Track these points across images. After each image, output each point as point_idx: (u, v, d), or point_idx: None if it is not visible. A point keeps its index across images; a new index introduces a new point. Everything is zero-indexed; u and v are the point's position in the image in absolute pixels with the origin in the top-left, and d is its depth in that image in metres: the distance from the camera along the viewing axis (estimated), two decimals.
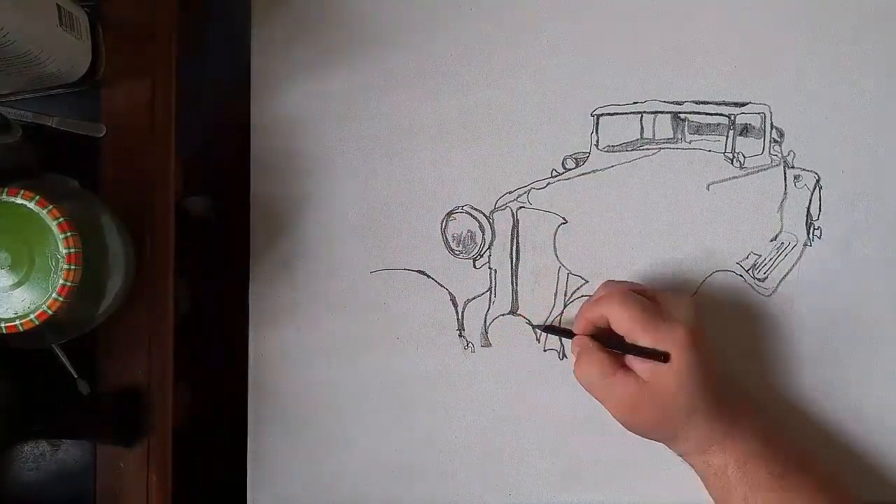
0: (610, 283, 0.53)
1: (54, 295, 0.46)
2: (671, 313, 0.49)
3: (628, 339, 0.49)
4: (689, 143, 0.56)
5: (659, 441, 0.51)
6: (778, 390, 0.55)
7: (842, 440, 0.55)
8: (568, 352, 0.56)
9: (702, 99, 0.56)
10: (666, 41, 0.57)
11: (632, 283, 0.54)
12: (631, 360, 0.49)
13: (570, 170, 0.57)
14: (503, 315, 0.57)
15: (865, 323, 0.55)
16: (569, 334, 0.53)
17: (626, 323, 0.49)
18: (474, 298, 0.57)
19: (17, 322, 0.46)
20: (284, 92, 0.59)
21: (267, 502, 0.58)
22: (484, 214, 0.57)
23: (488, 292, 0.57)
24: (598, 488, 0.56)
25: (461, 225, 0.57)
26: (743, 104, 0.56)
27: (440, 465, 0.57)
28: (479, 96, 0.58)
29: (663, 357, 0.48)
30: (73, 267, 0.46)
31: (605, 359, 0.50)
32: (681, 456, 0.51)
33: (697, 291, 0.56)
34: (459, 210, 0.57)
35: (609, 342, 0.50)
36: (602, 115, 0.57)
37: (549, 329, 0.56)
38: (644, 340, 0.48)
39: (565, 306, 0.57)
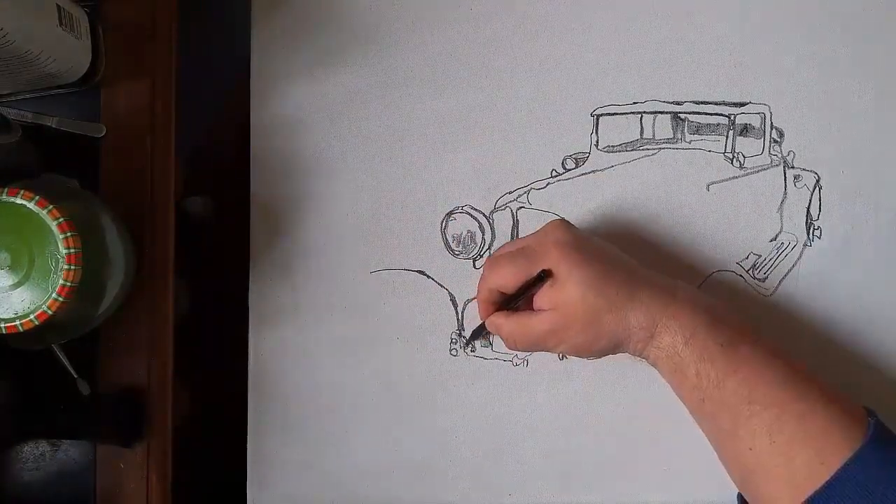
0: (487, 259, 0.54)
1: (54, 295, 0.46)
2: (540, 243, 0.50)
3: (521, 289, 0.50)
4: (689, 143, 0.56)
5: (612, 351, 0.50)
6: None
7: None
8: None
9: (701, 99, 0.56)
10: (666, 41, 0.57)
11: (503, 245, 0.55)
12: (537, 302, 0.50)
13: (570, 170, 0.57)
14: None
15: (865, 323, 0.55)
16: (482, 326, 0.54)
17: (506, 277, 0.50)
18: (474, 298, 0.57)
19: (17, 322, 0.46)
20: (284, 92, 0.59)
21: (267, 502, 0.58)
22: (484, 214, 0.57)
23: None
24: (597, 488, 0.56)
25: (461, 225, 0.57)
26: (743, 104, 0.56)
27: (440, 466, 0.57)
28: (479, 96, 0.58)
29: (544, 274, 0.48)
30: (72, 267, 0.46)
31: (515, 316, 0.51)
32: (641, 356, 0.50)
33: None
34: (459, 210, 0.57)
35: (512, 301, 0.51)
36: (602, 115, 0.57)
37: (473, 335, 0.56)
38: (529, 280, 0.49)
39: None
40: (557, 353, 0.51)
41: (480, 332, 0.55)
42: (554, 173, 0.57)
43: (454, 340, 0.57)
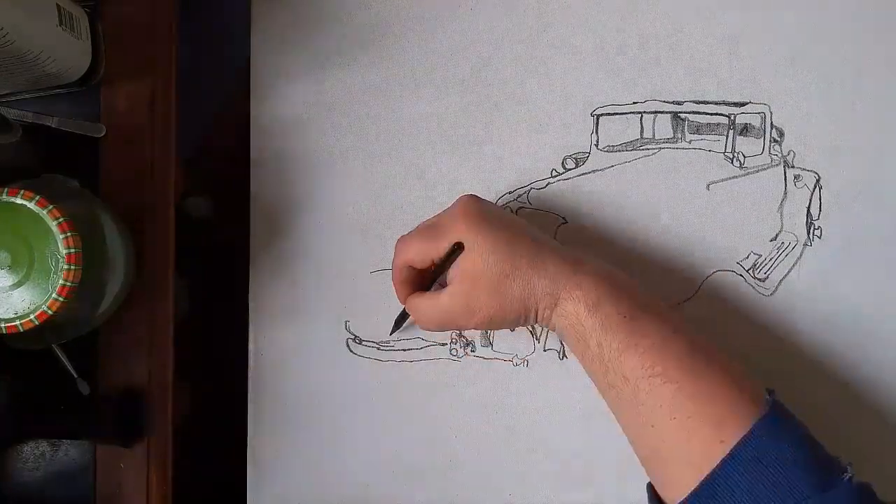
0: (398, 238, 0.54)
1: (54, 295, 0.46)
2: (448, 216, 0.50)
3: (433, 264, 0.51)
4: (689, 142, 0.56)
5: (522, 322, 0.50)
6: (777, 390, 0.55)
7: (841, 439, 0.55)
8: (568, 352, 0.56)
9: (702, 99, 0.56)
10: (666, 41, 0.57)
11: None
12: (446, 277, 0.50)
13: (570, 170, 0.57)
14: None
15: (865, 323, 0.55)
16: (403, 313, 0.54)
17: (416, 252, 0.51)
18: None
19: (17, 322, 0.46)
20: (284, 92, 0.59)
21: (267, 502, 0.58)
22: None
23: None
24: (597, 488, 0.56)
25: None
26: (743, 104, 0.56)
27: (440, 465, 0.57)
28: (479, 96, 0.58)
29: (456, 247, 0.49)
30: (73, 267, 0.46)
31: (425, 295, 0.51)
32: (547, 326, 0.50)
33: (697, 291, 0.56)
34: None
35: (426, 279, 0.52)
36: (602, 115, 0.57)
37: (396, 323, 0.56)
38: (442, 252, 0.50)
39: None
40: (471, 328, 0.51)
41: (403, 320, 0.55)
42: (554, 173, 0.57)
43: (454, 340, 0.57)
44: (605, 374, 0.47)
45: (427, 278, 0.52)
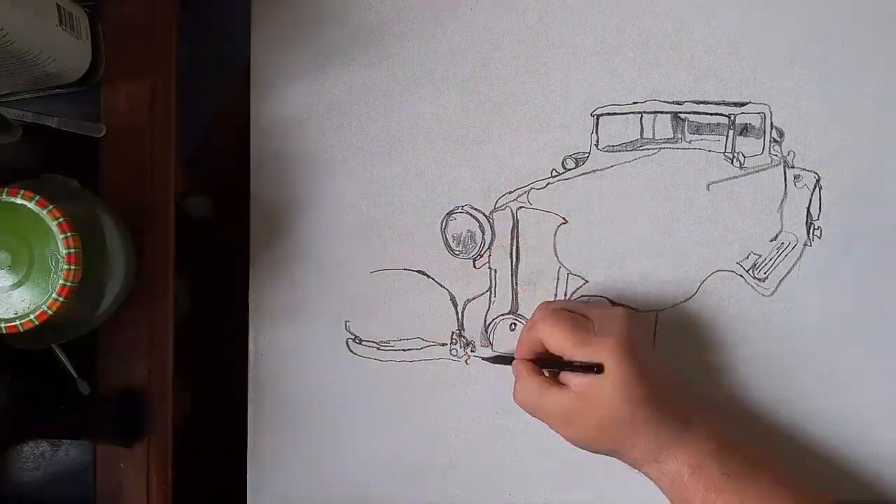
0: (543, 305, 0.54)
1: (54, 295, 0.46)
2: (604, 327, 0.50)
3: (565, 358, 0.50)
4: (689, 142, 0.56)
5: (607, 454, 0.50)
6: (777, 390, 0.55)
7: (841, 440, 0.55)
8: None
9: (702, 99, 0.56)
10: (666, 41, 0.57)
11: (567, 301, 0.55)
12: (566, 376, 0.50)
13: (570, 170, 0.57)
14: (503, 315, 0.57)
15: (865, 323, 0.55)
16: (510, 360, 0.53)
17: (558, 341, 0.50)
18: (474, 298, 0.57)
19: (17, 322, 0.46)
20: (284, 92, 0.59)
21: (267, 502, 0.58)
22: (484, 214, 0.57)
23: (488, 292, 0.57)
24: (597, 489, 0.56)
25: (461, 225, 0.57)
26: (743, 104, 0.56)
27: (440, 465, 0.57)
28: (479, 96, 0.58)
29: (595, 368, 0.48)
30: (73, 267, 0.46)
31: (540, 379, 0.50)
32: (635, 467, 0.50)
33: (697, 291, 0.56)
34: (459, 210, 0.57)
35: (548, 364, 0.51)
36: (602, 115, 0.57)
37: (496, 359, 0.56)
38: (578, 356, 0.49)
39: None
40: (555, 430, 0.51)
41: (501, 362, 0.55)
42: (554, 173, 0.57)
43: (454, 340, 0.57)
44: None
45: (549, 354, 0.51)
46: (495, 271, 0.57)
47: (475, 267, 0.57)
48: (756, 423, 0.55)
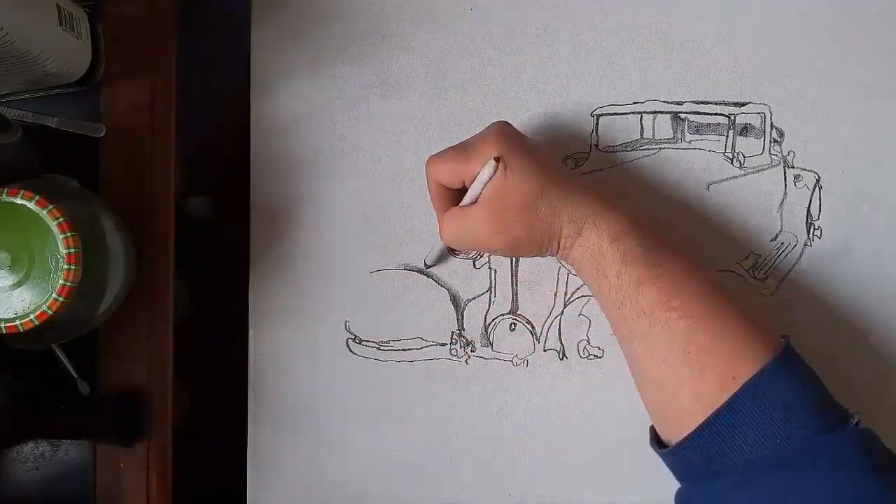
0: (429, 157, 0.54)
1: (54, 295, 0.46)
2: (482, 137, 0.50)
3: (465, 184, 0.51)
4: (689, 143, 0.56)
5: (546, 249, 0.50)
6: None
7: None
8: (568, 352, 0.56)
9: (702, 99, 0.56)
10: (666, 41, 0.57)
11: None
12: (480, 197, 0.50)
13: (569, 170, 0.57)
14: (503, 315, 0.57)
15: (865, 323, 0.55)
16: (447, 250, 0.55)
17: (449, 172, 0.50)
18: (474, 298, 0.57)
19: (17, 322, 0.46)
20: (284, 92, 0.59)
21: (267, 502, 0.58)
22: None
23: (488, 292, 0.57)
24: (597, 488, 0.56)
25: None
26: (743, 104, 0.56)
27: (440, 465, 0.57)
28: (479, 96, 0.58)
29: (497, 160, 0.48)
30: (73, 267, 0.46)
31: (458, 210, 0.51)
32: (567, 258, 0.50)
33: None
34: None
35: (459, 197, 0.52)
36: (602, 115, 0.57)
37: (438, 256, 0.56)
38: (471, 172, 0.50)
39: (565, 306, 0.57)
40: (496, 250, 0.51)
41: (438, 251, 0.55)
42: None
43: (454, 340, 0.57)
44: (621, 307, 0.47)
45: (458, 199, 0.52)
46: (495, 271, 0.57)
47: (475, 267, 0.57)
48: None
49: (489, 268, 0.57)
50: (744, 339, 0.45)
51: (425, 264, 0.57)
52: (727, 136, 0.56)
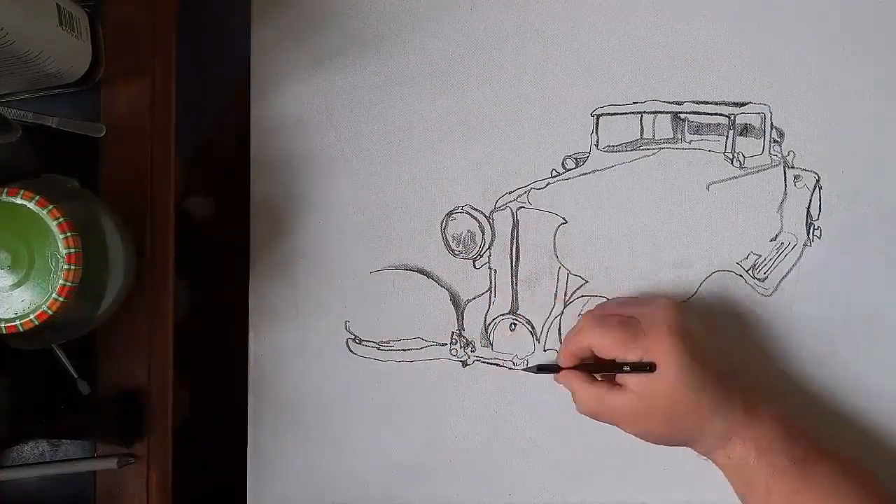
0: (588, 313, 0.54)
1: (54, 295, 0.46)
2: (652, 323, 0.49)
3: (617, 360, 0.50)
4: (689, 143, 0.56)
5: (682, 444, 0.50)
6: (778, 390, 0.55)
7: (840, 440, 0.55)
8: None
9: (702, 99, 0.56)
10: (666, 41, 0.57)
11: (610, 303, 0.55)
12: (623, 378, 0.50)
13: (570, 170, 0.57)
14: (503, 315, 0.57)
15: (865, 323, 0.55)
16: (556, 370, 0.53)
17: (607, 346, 0.50)
18: (474, 298, 0.57)
19: (17, 322, 0.46)
20: (284, 92, 0.59)
21: (267, 502, 0.58)
22: (484, 214, 0.57)
23: (488, 292, 0.57)
24: (597, 488, 0.56)
25: (461, 225, 0.57)
26: (743, 104, 0.56)
27: (440, 465, 0.57)
28: (479, 96, 0.58)
29: (648, 367, 0.48)
30: (73, 267, 0.46)
31: (597, 385, 0.51)
32: (706, 456, 0.50)
33: (697, 291, 0.56)
34: (459, 210, 0.57)
35: (600, 369, 0.51)
36: (602, 115, 0.57)
37: (542, 369, 0.55)
38: (630, 357, 0.49)
39: (565, 306, 0.57)
40: (632, 434, 0.51)
41: (546, 371, 0.54)
42: (554, 173, 0.57)
43: (454, 340, 0.57)
44: None
45: (596, 358, 0.51)
46: (495, 271, 0.57)
47: (475, 267, 0.57)
48: None
49: (489, 268, 0.57)
50: None
51: (530, 368, 0.56)
52: (727, 136, 0.56)
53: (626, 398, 0.49)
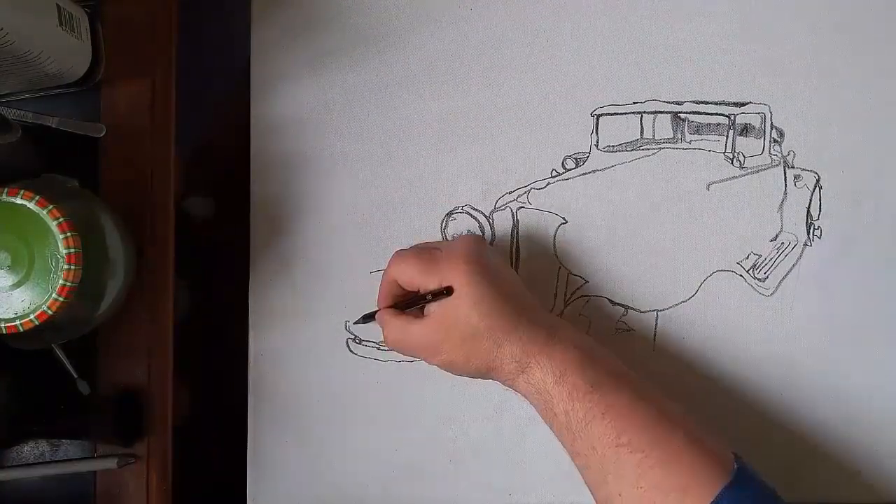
0: (396, 251, 0.54)
1: (54, 295, 0.46)
2: (450, 251, 0.50)
3: (421, 291, 0.51)
4: (689, 143, 0.56)
5: (484, 376, 0.50)
6: (778, 390, 0.55)
7: (841, 440, 0.55)
8: None
9: (702, 99, 0.56)
10: (666, 41, 0.57)
11: (421, 244, 0.55)
12: (428, 308, 0.50)
13: (570, 170, 0.57)
14: None
15: (865, 323, 0.55)
16: (373, 314, 0.54)
17: (407, 275, 0.51)
18: None
19: (17, 322, 0.46)
20: (284, 92, 0.59)
21: (267, 502, 0.58)
22: (484, 214, 0.57)
23: None
24: None
25: (461, 225, 0.57)
26: (743, 104, 0.56)
27: (440, 465, 0.57)
28: (479, 96, 0.58)
29: (446, 291, 0.49)
30: (73, 267, 0.46)
31: (402, 317, 0.51)
32: (511, 387, 0.50)
33: (697, 291, 0.56)
34: (459, 210, 0.57)
35: (409, 304, 0.52)
36: (602, 115, 0.57)
37: (364, 318, 0.55)
38: (430, 285, 0.50)
39: (565, 306, 0.57)
40: (431, 363, 0.51)
41: (369, 318, 0.54)
42: (554, 173, 0.57)
43: None
44: (573, 443, 0.47)
45: (409, 295, 0.52)
46: None
47: None
48: (755, 421, 0.55)
49: None
50: (694, 470, 0.44)
51: (348, 324, 0.57)
52: (727, 136, 0.56)
53: (426, 324, 0.50)
